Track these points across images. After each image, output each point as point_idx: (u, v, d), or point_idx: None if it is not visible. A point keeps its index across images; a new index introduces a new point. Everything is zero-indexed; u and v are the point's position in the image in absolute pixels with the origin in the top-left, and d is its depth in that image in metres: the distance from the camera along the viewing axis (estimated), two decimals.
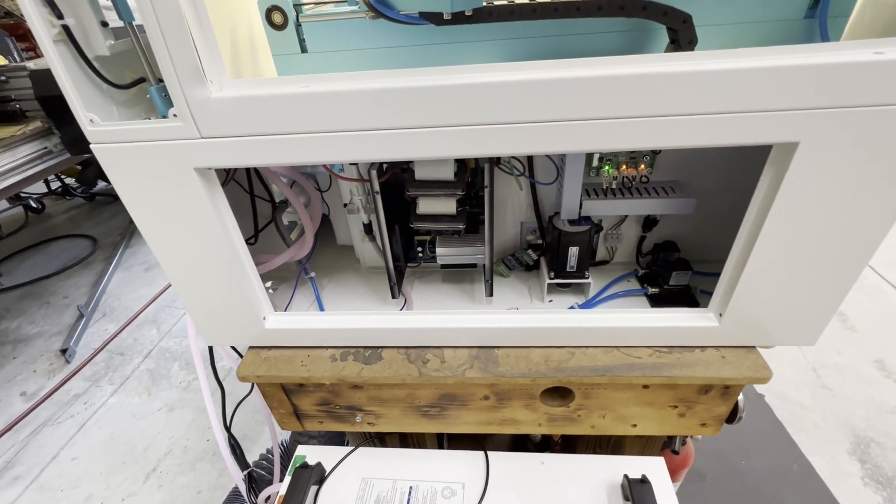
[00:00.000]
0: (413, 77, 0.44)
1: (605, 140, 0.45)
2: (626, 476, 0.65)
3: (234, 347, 0.76)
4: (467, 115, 0.44)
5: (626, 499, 0.64)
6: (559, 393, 0.67)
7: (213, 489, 1.49)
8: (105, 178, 3.32)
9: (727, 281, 0.57)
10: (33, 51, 3.84)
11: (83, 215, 3.26)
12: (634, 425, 0.69)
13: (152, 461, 1.60)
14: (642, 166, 0.65)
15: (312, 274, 0.75)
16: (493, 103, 0.44)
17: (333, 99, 0.44)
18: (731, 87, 0.41)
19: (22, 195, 3.13)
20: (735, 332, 0.60)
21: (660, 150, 0.64)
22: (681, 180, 0.68)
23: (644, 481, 0.63)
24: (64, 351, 2.04)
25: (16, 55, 2.48)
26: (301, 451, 0.75)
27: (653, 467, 0.68)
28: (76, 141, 1.87)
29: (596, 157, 0.64)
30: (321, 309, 0.73)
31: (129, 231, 2.96)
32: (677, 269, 0.68)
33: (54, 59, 0.44)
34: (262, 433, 1.63)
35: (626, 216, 0.71)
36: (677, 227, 0.73)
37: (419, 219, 0.65)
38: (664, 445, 0.85)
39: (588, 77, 0.42)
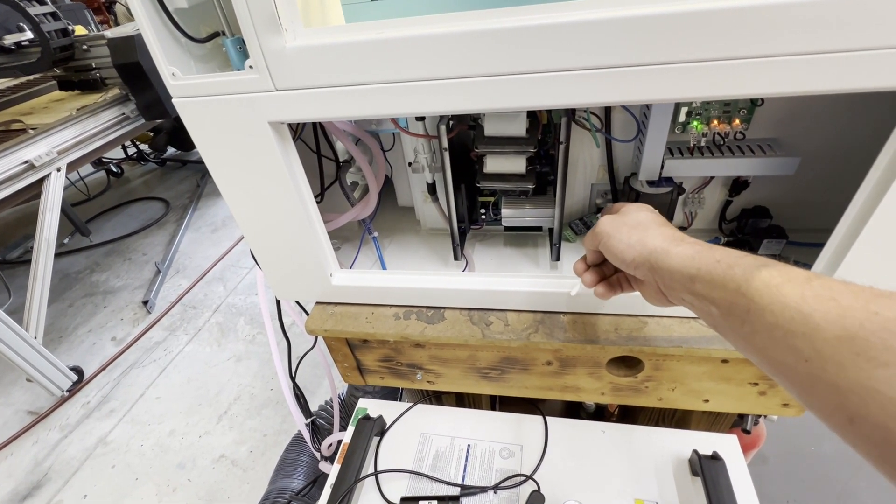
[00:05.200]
0: (497, 18, 0.40)
1: (714, 85, 0.40)
2: (695, 451, 0.62)
3: (298, 303, 0.79)
4: (553, 59, 0.41)
5: (695, 474, 0.61)
6: (626, 363, 0.64)
7: (278, 433, 1.62)
8: (174, 145, 3.52)
9: (833, 251, 0.50)
10: (107, 23, 4.06)
11: (156, 179, 3.50)
12: (706, 401, 0.66)
13: (224, 405, 1.76)
14: (737, 121, 0.58)
15: (376, 233, 0.75)
16: (582, 46, 0.40)
17: (411, 44, 0.42)
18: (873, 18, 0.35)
19: (104, 160, 3.40)
20: None
21: (761, 103, 0.57)
22: (780, 138, 0.61)
23: (716, 458, 0.60)
24: (145, 302, 2.25)
25: (93, 26, 2.63)
26: (363, 403, 0.79)
27: (725, 444, 0.64)
28: (149, 106, 1.99)
29: (684, 110, 0.58)
30: (384, 268, 0.74)
31: (196, 194, 3.16)
32: (769, 237, 0.61)
33: (140, 11, 0.45)
34: (320, 386, 1.73)
35: (712, 178, 0.65)
36: (771, 191, 0.66)
37: (486, 178, 0.63)
38: (734, 424, 0.80)
39: (698, 10, 0.37)
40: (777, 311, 0.29)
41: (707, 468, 0.59)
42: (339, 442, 0.85)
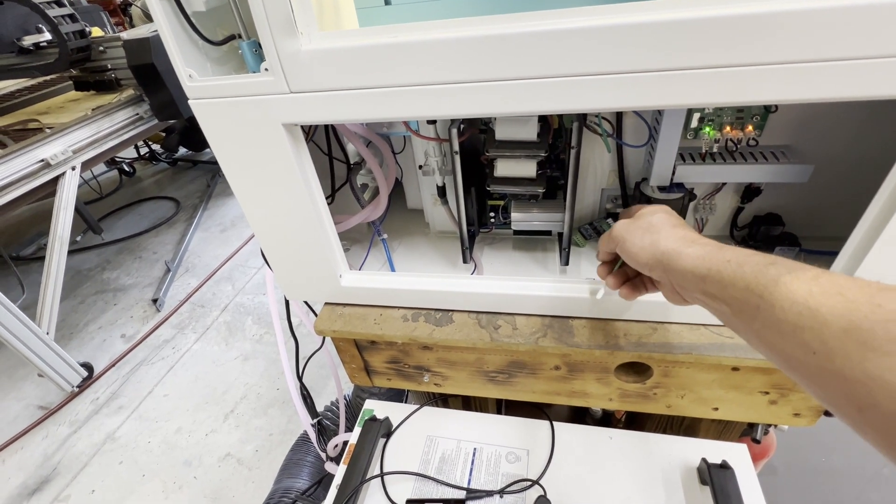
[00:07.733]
0: (510, 24, 0.41)
1: (727, 92, 0.40)
2: (704, 460, 0.61)
3: (306, 303, 0.80)
4: (566, 64, 0.41)
5: (704, 483, 0.61)
6: (635, 369, 0.63)
7: (283, 433, 1.62)
8: (186, 145, 3.56)
9: (848, 259, 0.50)
10: (122, 25, 4.13)
11: (167, 179, 3.54)
12: (716, 409, 0.65)
13: (230, 403, 1.77)
14: (750, 127, 0.57)
15: (385, 235, 0.76)
16: (595, 51, 0.40)
17: (424, 49, 0.42)
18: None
19: (116, 159, 3.45)
20: None
21: (774, 109, 0.56)
22: (794, 145, 0.60)
23: (725, 467, 0.60)
24: (155, 300, 2.28)
25: (109, 28, 2.68)
26: (369, 404, 0.79)
27: (734, 454, 0.64)
28: (163, 107, 2.01)
29: (696, 116, 0.57)
30: (393, 270, 0.74)
31: (206, 194, 3.19)
32: (782, 245, 0.61)
33: (159, 14, 0.46)
34: (326, 386, 1.74)
35: (724, 184, 0.65)
36: (783, 198, 0.65)
37: (496, 181, 0.63)
38: (743, 433, 0.79)
39: (712, 17, 0.37)
40: (786, 307, 0.30)
41: (716, 477, 0.59)
42: (345, 443, 0.85)
